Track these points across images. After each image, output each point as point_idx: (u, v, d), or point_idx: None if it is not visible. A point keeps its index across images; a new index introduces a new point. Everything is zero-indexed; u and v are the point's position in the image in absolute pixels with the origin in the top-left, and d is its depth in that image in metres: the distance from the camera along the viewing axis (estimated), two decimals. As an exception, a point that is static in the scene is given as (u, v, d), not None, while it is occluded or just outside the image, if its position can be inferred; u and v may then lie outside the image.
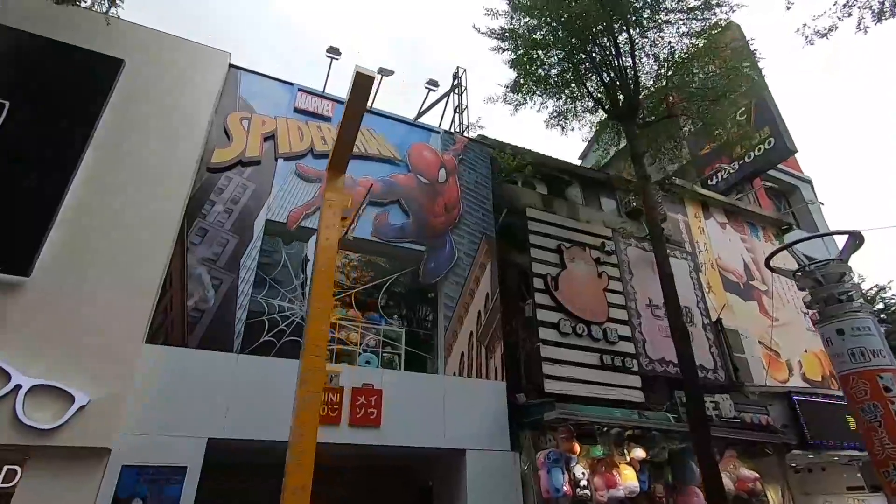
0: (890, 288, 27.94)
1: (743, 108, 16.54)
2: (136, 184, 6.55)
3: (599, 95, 9.08)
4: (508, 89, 9.31)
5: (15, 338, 5.19)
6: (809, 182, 17.59)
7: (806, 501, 11.62)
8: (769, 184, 15.97)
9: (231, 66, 8.30)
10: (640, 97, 8.57)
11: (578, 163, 16.39)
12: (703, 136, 17.50)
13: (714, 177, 16.73)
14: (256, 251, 7.13)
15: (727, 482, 7.78)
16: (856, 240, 9.43)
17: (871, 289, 25.97)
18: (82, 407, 5.16)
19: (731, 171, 16.18)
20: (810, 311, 9.28)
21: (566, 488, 6.73)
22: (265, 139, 7.99)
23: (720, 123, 10.27)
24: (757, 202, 15.22)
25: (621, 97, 8.49)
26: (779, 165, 16.79)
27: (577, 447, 6.88)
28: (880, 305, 25.37)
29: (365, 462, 7.45)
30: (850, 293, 8.80)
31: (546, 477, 6.77)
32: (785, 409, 9.53)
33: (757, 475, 8.08)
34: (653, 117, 9.17)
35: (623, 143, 12.13)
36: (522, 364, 7.97)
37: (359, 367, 7.07)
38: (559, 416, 6.88)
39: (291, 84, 8.72)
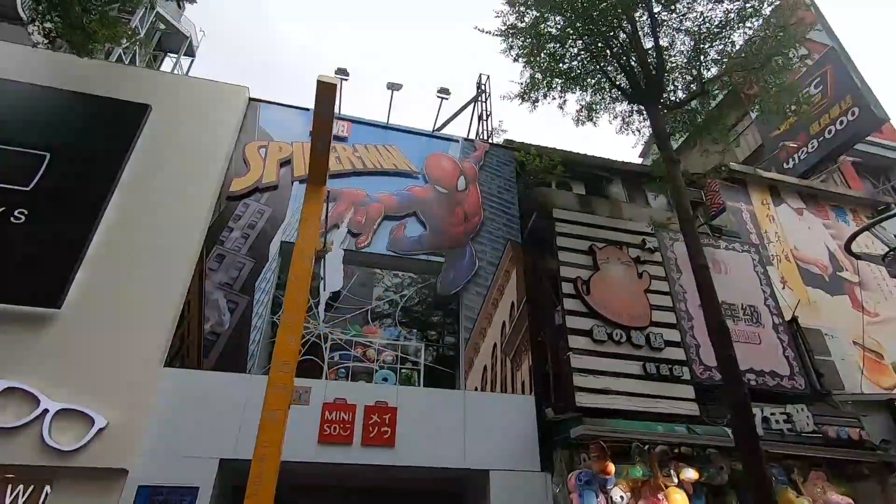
0: None
1: (818, 78, 14.71)
2: (159, 219, 7.00)
3: (619, 81, 8.40)
4: (525, 87, 8.90)
5: (44, 365, 5.64)
6: (913, 154, 15.04)
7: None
8: (858, 160, 13.86)
9: (250, 99, 8.74)
10: (665, 76, 7.78)
11: (639, 161, 15.34)
12: (773, 117, 15.77)
13: (790, 159, 14.95)
14: (272, 273, 7.29)
15: (808, 509, 6.58)
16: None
17: None
18: (101, 429, 5.46)
19: (810, 150, 14.36)
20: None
21: (602, 514, 6.03)
22: (282, 165, 8.25)
23: (785, 96, 8.81)
24: (845, 182, 13.25)
25: (643, 79, 7.78)
26: (868, 137, 14.62)
27: (610, 467, 6.14)
28: None
29: (384, 484, 7.21)
30: (958, 277, 7.25)
31: (578, 500, 6.11)
32: (888, 421, 7.96)
33: (850, 501, 6.75)
34: (682, 96, 8.30)
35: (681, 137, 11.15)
36: (552, 376, 7.37)
37: (374, 385, 6.90)
38: (586, 431, 6.22)
39: (308, 109, 8.98)
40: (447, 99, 9.82)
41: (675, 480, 6.37)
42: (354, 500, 7.26)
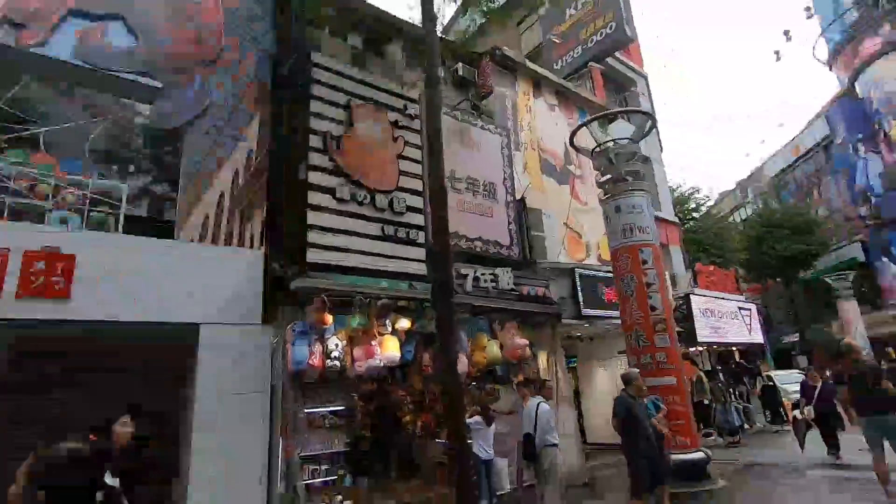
0: (701, 190, 31.71)
1: (592, -13, 15.79)
2: None
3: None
4: None
5: None
6: (645, 78, 17.98)
7: (587, 366, 13.12)
8: (605, 70, 15.86)
9: None
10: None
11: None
12: (554, 17, 16.67)
13: (559, 61, 16.24)
14: None
15: (495, 350, 7.99)
16: (648, 121, 9.54)
17: (687, 190, 29.20)
18: None
19: (575, 55, 15.78)
20: (600, 191, 9.43)
21: (314, 360, 6.22)
22: None
23: None
24: (593, 90, 15.14)
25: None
26: (621, 56, 16.79)
27: (327, 318, 6.28)
28: (693, 205, 28.84)
29: (81, 354, 6.16)
30: (636, 171, 9.00)
31: (290, 349, 6.16)
32: (570, 285, 10.03)
33: (527, 342, 8.42)
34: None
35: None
36: (285, 232, 6.96)
37: (45, 229, 5.46)
38: (307, 284, 6.14)
39: None
40: None
41: (390, 329, 6.92)
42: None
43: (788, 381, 13.70)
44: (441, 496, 6.71)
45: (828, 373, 9.94)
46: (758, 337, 15.29)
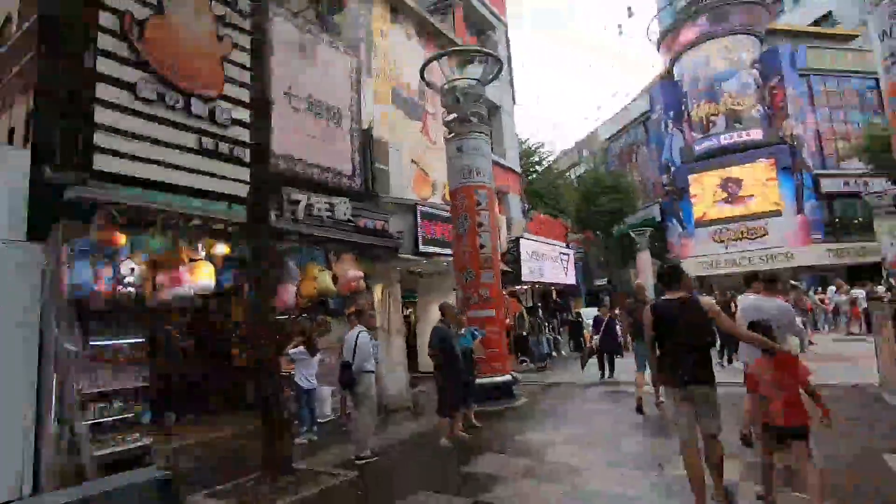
0: (545, 144, 34.32)
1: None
2: None
3: None
4: None
5: None
6: (505, 26, 18.31)
7: (426, 301, 13.67)
8: (467, 10, 15.72)
9: None
10: None
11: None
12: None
13: (426, -10, 15.50)
14: None
15: (327, 281, 7.77)
16: (498, 66, 9.72)
17: (534, 144, 31.36)
18: None
19: (441, -13, 15.21)
20: (444, 130, 9.47)
21: (101, 286, 5.32)
22: None
23: None
24: (454, 27, 14.90)
25: None
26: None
27: (118, 238, 5.36)
28: (536, 158, 31.15)
29: None
30: (479, 113, 9.17)
31: (68, 272, 5.15)
32: (410, 220, 10.13)
33: (360, 274, 8.35)
34: None
35: None
36: (62, 129, 5.64)
37: None
38: (89, 196, 5.11)
39: None
40: None
41: (203, 254, 6.22)
42: None
43: (590, 317, 16.10)
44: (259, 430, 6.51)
45: (617, 310, 11.80)
46: (572, 279, 17.54)
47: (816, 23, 30.61)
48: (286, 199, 7.26)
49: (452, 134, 8.96)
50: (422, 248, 10.05)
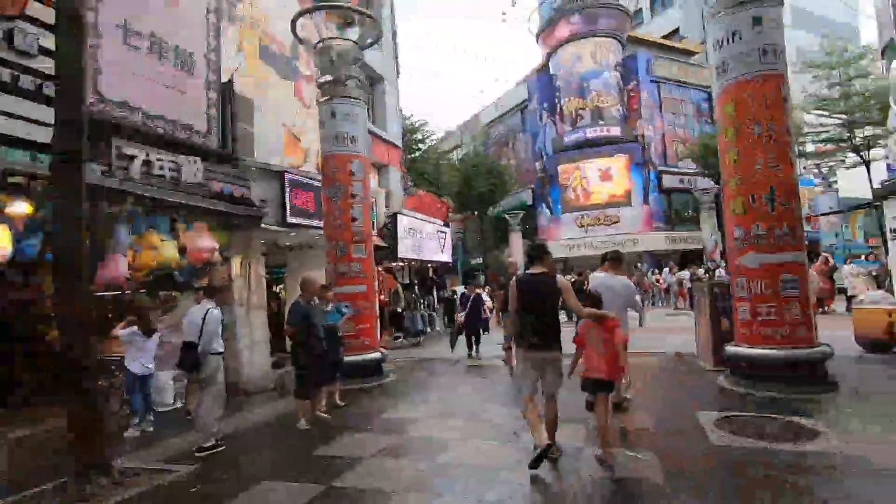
0: (428, 123, 34.53)
1: None
2: None
3: None
4: None
5: None
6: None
7: (296, 276, 12.84)
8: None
9: None
10: None
11: None
12: None
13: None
14: None
15: (170, 251, 6.79)
16: (375, 28, 9.25)
17: (417, 121, 31.24)
18: None
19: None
20: (317, 92, 8.80)
21: None
22: None
23: None
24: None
25: None
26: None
27: None
28: (420, 136, 31.08)
29: None
30: (356, 78, 8.64)
31: None
32: (277, 188, 9.31)
33: (215, 246, 7.47)
34: None
35: None
36: None
37: None
38: None
39: None
40: None
41: (-8, 213, 4.96)
42: None
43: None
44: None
45: (487, 288, 12.24)
46: (448, 257, 17.89)
47: (667, 37, 34.63)
48: (116, 152, 6.11)
49: (326, 97, 8.33)
50: (290, 219, 9.32)
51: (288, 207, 9.28)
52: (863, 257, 16.54)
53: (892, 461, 3.71)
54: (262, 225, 8.40)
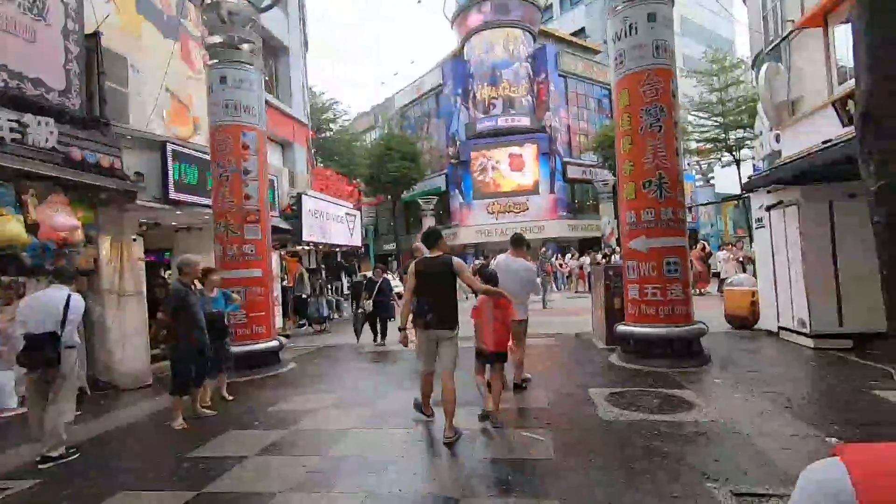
0: (342, 102, 33.29)
1: None
2: None
3: None
4: None
5: None
6: (298, -42, 16.46)
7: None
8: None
9: None
10: None
11: None
12: None
13: None
14: None
15: (11, 227, 5.72)
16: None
17: (328, 100, 29.92)
18: None
19: None
20: (204, 53, 7.91)
21: None
22: None
23: None
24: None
25: None
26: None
27: None
28: (331, 115, 29.82)
29: None
30: (251, 42, 7.87)
31: None
32: (157, 161, 8.27)
33: (77, 224, 6.45)
34: None
35: None
36: None
37: None
38: None
39: None
40: None
41: None
42: None
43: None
44: None
45: (390, 272, 11.93)
46: (358, 241, 17.36)
47: (574, 34, 36.25)
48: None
49: (215, 60, 7.49)
50: (173, 195, 8.34)
51: (171, 182, 8.29)
52: (731, 245, 18.62)
53: (755, 428, 4.08)
54: (139, 201, 7.41)
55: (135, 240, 7.72)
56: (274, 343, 7.68)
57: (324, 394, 6.10)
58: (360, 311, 9.93)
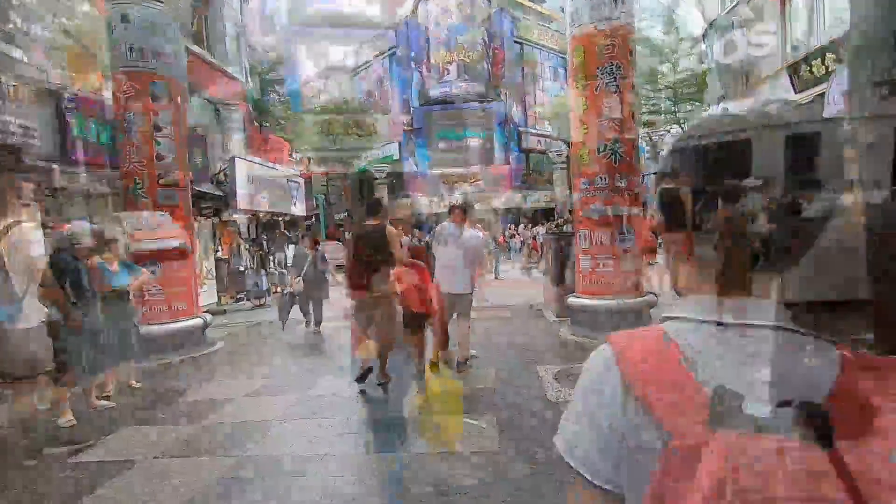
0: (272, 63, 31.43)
1: None
2: None
3: None
4: None
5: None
6: None
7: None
8: None
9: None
10: None
11: None
12: None
13: None
14: None
15: None
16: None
17: (273, 61, 27.93)
18: None
19: None
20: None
21: None
22: None
23: None
24: None
25: None
26: None
27: None
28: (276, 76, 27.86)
29: None
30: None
31: None
32: (50, 115, 7.11)
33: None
34: None
35: None
36: None
37: None
38: None
39: None
40: None
41: None
42: None
43: (330, 252, 15.35)
44: None
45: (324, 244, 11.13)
46: (302, 210, 16.39)
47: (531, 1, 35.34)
48: None
49: (113, -5, 6.39)
50: (73, 157, 7.24)
51: (70, 139, 7.18)
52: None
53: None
54: (27, 161, 6.34)
55: (27, 205, 6.66)
56: (198, 321, 6.91)
57: (250, 378, 5.49)
58: (286, 292, 8.33)
